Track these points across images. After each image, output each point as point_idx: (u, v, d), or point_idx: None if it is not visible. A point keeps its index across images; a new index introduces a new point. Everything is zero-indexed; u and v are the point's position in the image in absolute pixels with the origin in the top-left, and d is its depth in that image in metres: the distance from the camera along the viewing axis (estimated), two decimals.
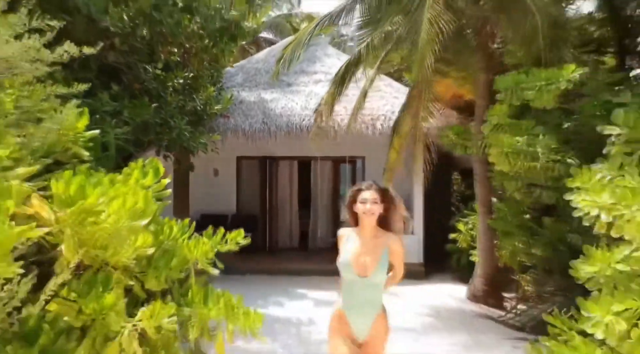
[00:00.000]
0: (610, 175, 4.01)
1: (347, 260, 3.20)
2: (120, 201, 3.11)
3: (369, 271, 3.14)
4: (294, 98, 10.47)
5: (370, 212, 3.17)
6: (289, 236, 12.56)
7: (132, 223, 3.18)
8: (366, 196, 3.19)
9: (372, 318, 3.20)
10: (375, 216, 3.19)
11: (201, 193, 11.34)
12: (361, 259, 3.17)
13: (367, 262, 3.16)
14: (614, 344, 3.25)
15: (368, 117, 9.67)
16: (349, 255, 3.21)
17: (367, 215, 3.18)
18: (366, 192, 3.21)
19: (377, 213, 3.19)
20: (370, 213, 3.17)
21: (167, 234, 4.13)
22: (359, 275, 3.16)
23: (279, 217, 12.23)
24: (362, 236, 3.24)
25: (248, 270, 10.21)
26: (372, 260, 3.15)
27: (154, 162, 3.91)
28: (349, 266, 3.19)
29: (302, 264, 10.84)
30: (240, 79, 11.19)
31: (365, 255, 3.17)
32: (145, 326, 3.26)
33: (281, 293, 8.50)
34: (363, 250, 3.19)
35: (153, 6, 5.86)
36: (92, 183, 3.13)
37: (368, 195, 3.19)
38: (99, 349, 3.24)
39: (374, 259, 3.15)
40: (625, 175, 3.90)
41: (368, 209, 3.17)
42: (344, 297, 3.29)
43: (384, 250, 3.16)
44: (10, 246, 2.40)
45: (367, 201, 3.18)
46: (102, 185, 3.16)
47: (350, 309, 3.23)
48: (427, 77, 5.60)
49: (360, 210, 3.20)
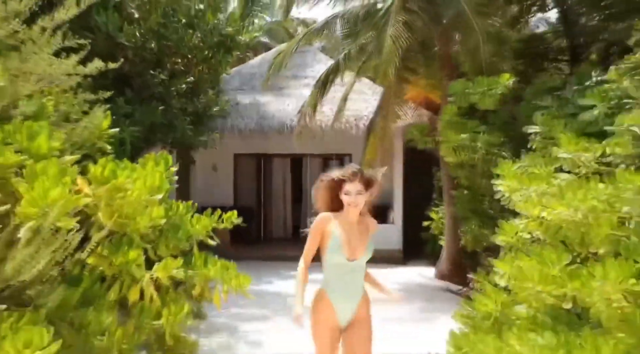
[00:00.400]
0: (525, 165, 5.07)
1: (338, 244, 3.25)
2: (141, 181, 4.17)
3: (358, 255, 3.25)
4: (285, 101, 11.56)
5: (355, 204, 3.25)
6: (283, 227, 13.62)
7: (150, 197, 4.24)
8: (351, 189, 3.24)
9: (357, 302, 3.31)
10: (360, 206, 3.28)
11: (201, 187, 12.39)
12: (352, 243, 3.26)
13: (356, 245, 3.26)
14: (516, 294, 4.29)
15: (352, 117, 10.76)
16: (338, 239, 3.26)
17: (352, 206, 3.26)
18: (351, 184, 3.25)
19: (362, 203, 3.28)
20: (355, 205, 3.25)
21: (175, 211, 5.25)
22: (348, 258, 3.25)
23: (273, 209, 13.32)
24: (347, 221, 3.31)
25: (244, 257, 11.22)
26: (360, 243, 3.28)
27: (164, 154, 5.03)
28: (340, 250, 3.25)
29: (293, 251, 11.78)
30: (237, 83, 12.26)
31: (355, 238, 3.28)
32: (159, 275, 4.34)
33: (273, 274, 9.57)
34: (351, 234, 3.28)
35: (161, 24, 6.92)
36: (121, 167, 4.19)
37: (353, 187, 3.24)
38: (125, 292, 4.32)
39: (362, 242, 3.28)
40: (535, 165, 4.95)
41: (354, 201, 3.24)
42: (329, 281, 3.36)
43: (369, 233, 3.33)
44: (70, 208, 3.46)
45: (351, 193, 3.24)
46: (128, 169, 4.22)
47: (336, 293, 3.31)
48: (392, 84, 6.66)
49: (346, 201, 3.27)
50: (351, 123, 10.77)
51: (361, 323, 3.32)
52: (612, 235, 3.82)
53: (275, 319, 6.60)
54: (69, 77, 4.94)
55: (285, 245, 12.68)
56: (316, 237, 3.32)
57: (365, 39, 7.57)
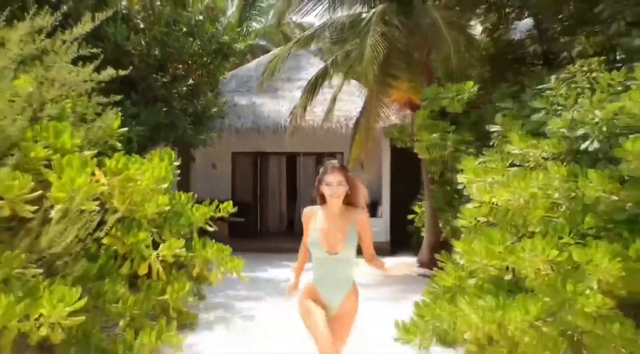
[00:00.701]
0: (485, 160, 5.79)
1: (316, 238, 3.28)
2: (149, 172, 4.88)
3: (338, 248, 3.24)
4: (280, 102, 12.28)
5: (336, 195, 3.26)
6: (279, 221, 14.34)
7: (156, 186, 4.95)
8: (331, 180, 3.27)
9: (344, 294, 3.32)
10: (341, 198, 3.29)
11: (201, 184, 13.08)
12: (330, 236, 3.26)
13: (336, 239, 3.25)
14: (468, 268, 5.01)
15: (342, 117, 11.49)
16: (317, 233, 3.29)
17: (333, 197, 3.28)
18: (330, 175, 3.28)
19: (343, 194, 3.28)
20: (336, 196, 3.27)
21: (177, 200, 5.98)
22: (328, 252, 3.25)
23: (269, 205, 14.04)
24: (329, 214, 3.33)
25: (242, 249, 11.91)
26: (341, 236, 3.25)
27: (168, 150, 5.75)
28: (318, 244, 3.27)
29: (288, 244, 12.59)
30: (234, 85, 12.98)
31: (334, 232, 3.27)
32: (165, 253, 5.06)
33: (267, 264, 10.28)
34: (331, 227, 3.29)
35: (164, 33, 7.63)
36: (131, 161, 4.89)
37: (333, 177, 3.27)
38: (135, 267, 5.03)
39: (343, 235, 3.25)
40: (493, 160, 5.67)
41: (334, 191, 3.26)
42: (315, 273, 3.38)
43: (351, 225, 3.29)
44: (92, 193, 4.16)
45: (332, 184, 3.26)
46: (137, 162, 4.92)
47: (322, 285, 3.33)
48: (374, 88, 7.37)
49: (327, 192, 3.29)
50: (341, 123, 11.50)
51: (343, 319, 3.33)
52: (546, 217, 4.55)
53: (267, 299, 7.32)
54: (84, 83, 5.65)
55: (281, 238, 13.40)
56: (305, 230, 3.40)
57: (351, 46, 8.28)
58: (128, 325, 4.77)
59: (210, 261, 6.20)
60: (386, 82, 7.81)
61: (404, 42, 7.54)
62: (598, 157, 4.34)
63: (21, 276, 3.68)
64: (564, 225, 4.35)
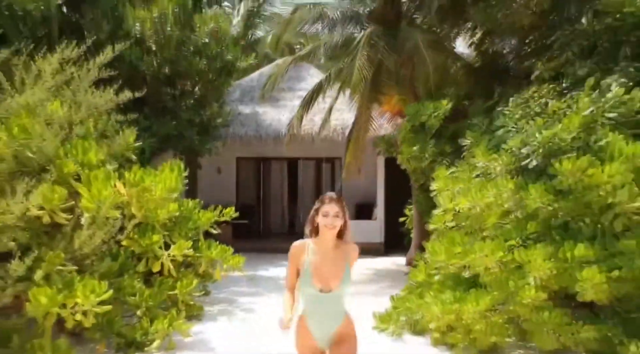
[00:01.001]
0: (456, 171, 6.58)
1: (309, 275, 3.15)
2: (162, 184, 5.69)
3: (332, 285, 3.14)
4: (281, 111, 13.11)
5: (332, 225, 3.16)
6: (280, 222, 15.19)
7: (168, 195, 5.77)
8: (328, 210, 3.17)
9: (336, 326, 3.20)
10: (336, 229, 3.19)
11: (207, 187, 13.90)
12: (324, 273, 3.15)
13: (330, 276, 3.15)
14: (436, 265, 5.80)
15: (339, 126, 12.31)
16: (310, 269, 3.15)
17: (328, 228, 3.16)
18: (328, 206, 3.19)
19: (339, 226, 3.19)
20: (332, 227, 3.16)
21: (186, 206, 6.82)
22: (322, 290, 3.13)
23: (272, 207, 14.89)
24: (321, 248, 3.20)
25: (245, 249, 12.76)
26: (335, 273, 3.15)
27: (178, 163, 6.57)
28: (311, 282, 3.14)
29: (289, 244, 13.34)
30: (238, 95, 13.82)
31: (328, 268, 3.16)
32: (175, 253, 5.89)
33: (269, 263, 11.08)
34: (325, 263, 3.17)
35: (173, 54, 8.48)
36: (147, 173, 5.69)
37: (330, 208, 3.17)
38: (150, 265, 5.86)
39: (338, 272, 3.16)
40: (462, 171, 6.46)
41: (330, 222, 3.15)
42: (306, 309, 3.24)
43: (346, 260, 3.20)
44: (115, 202, 4.98)
45: (329, 214, 3.16)
46: (152, 174, 5.72)
47: (313, 321, 3.21)
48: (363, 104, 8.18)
49: (322, 223, 3.17)
50: (338, 131, 12.32)
51: (344, 342, 3.20)
52: (498, 223, 5.35)
53: (266, 295, 8.13)
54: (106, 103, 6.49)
55: (282, 238, 14.20)
56: (292, 266, 3.24)
57: (343, 64, 9.10)
58: (144, 314, 5.62)
59: (214, 260, 7.05)
60: (375, 98, 8.61)
61: (392, 61, 8.33)
62: (541, 172, 5.12)
63: (60, 272, 4.52)
64: (511, 230, 5.15)
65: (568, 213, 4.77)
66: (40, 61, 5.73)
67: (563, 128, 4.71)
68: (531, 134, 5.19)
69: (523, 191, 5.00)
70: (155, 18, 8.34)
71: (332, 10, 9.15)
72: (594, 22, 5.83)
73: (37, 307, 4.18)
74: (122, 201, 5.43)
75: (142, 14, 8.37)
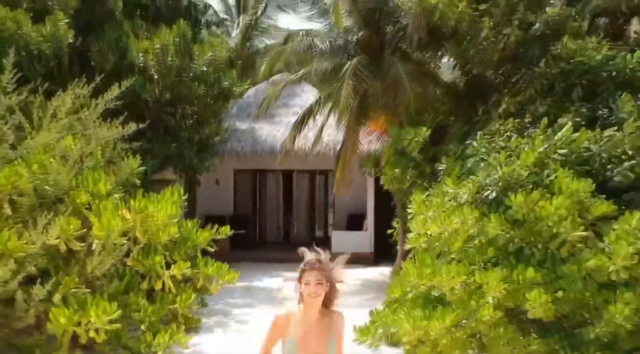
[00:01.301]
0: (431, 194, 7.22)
1: (293, 348, 3.05)
2: (163, 210, 6.30)
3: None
4: (276, 127, 13.78)
5: (315, 294, 3.00)
6: (276, 232, 15.85)
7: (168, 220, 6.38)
8: (309, 278, 3.00)
9: None
10: (320, 298, 3.03)
11: (205, 199, 14.57)
12: (309, 347, 3.04)
13: (315, 348, 3.05)
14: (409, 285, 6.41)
15: (331, 142, 12.97)
16: (295, 339, 3.05)
17: (312, 297, 3.01)
18: (309, 273, 3.01)
19: (323, 294, 3.03)
20: (315, 296, 3.01)
21: (184, 227, 7.45)
22: None
23: (268, 218, 15.56)
24: (306, 320, 3.07)
25: (242, 259, 13.42)
26: (320, 344, 3.05)
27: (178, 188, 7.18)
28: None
29: (284, 254, 14.06)
30: (235, 111, 14.47)
31: (313, 341, 3.05)
32: (175, 272, 6.50)
33: (263, 274, 11.73)
34: (310, 337, 3.05)
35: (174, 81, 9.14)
36: (151, 201, 6.30)
37: (311, 276, 3.00)
38: (152, 283, 6.48)
39: (322, 344, 3.05)
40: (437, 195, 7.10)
41: (313, 291, 2.99)
42: None
43: (330, 333, 3.09)
44: (122, 228, 5.61)
45: (310, 283, 3.00)
46: (155, 202, 6.33)
47: None
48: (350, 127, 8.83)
49: (305, 292, 3.01)
50: (330, 146, 12.99)
51: None
52: (463, 247, 5.99)
53: (259, 306, 8.78)
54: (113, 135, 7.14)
55: (278, 248, 14.88)
56: (273, 336, 3.19)
57: (332, 88, 9.76)
58: (147, 329, 6.24)
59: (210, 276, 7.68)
60: (361, 122, 9.27)
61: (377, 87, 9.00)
62: (500, 202, 5.76)
63: (74, 294, 5.16)
64: (474, 254, 5.79)
65: (522, 240, 5.41)
66: (55, 100, 6.37)
67: (521, 164, 5.35)
68: (493, 168, 5.83)
69: (485, 219, 5.64)
70: (157, 49, 9.00)
71: (322, 41, 9.83)
72: (553, 65, 6.47)
73: (56, 326, 4.81)
74: (128, 227, 6.07)
75: (145, 44, 9.04)
